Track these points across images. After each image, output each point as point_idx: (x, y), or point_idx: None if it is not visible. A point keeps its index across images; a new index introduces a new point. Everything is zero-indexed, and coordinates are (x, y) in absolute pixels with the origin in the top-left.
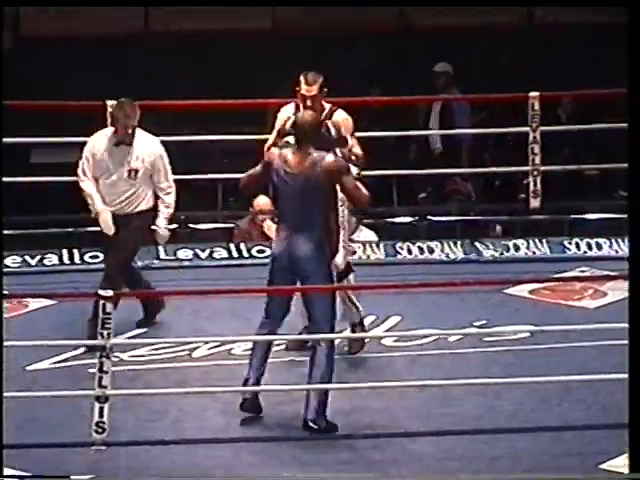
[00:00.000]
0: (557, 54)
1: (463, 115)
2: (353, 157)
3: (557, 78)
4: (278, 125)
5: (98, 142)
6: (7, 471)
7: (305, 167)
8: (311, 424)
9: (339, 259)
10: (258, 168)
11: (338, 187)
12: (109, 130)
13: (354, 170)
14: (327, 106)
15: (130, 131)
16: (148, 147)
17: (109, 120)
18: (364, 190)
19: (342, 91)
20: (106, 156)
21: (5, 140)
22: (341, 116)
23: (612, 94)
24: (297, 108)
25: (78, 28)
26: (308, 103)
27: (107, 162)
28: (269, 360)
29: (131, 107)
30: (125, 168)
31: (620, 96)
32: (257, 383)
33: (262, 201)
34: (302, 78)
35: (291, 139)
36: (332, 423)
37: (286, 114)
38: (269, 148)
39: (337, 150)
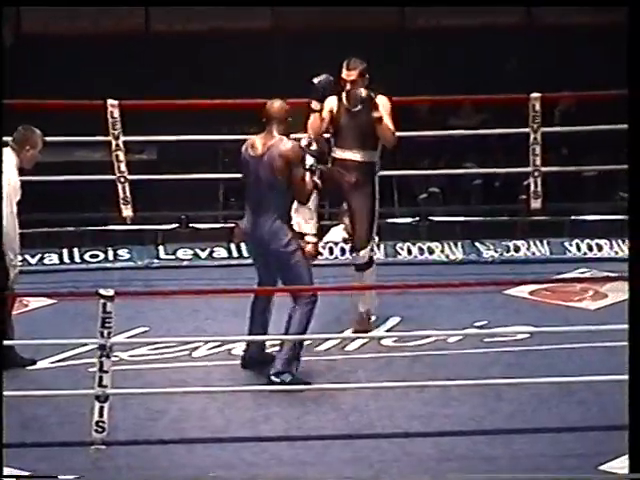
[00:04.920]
0: (559, 54)
1: None
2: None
3: (558, 79)
4: (325, 114)
5: (14, 175)
6: (7, 470)
7: (265, 150)
8: (273, 378)
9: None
10: None
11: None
12: (12, 157)
13: (310, 160)
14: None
15: None
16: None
17: (22, 146)
18: (309, 186)
19: None
20: (18, 186)
21: (5, 139)
22: (381, 99)
23: (610, 95)
24: (339, 98)
25: (81, 26)
26: (348, 87)
27: (18, 192)
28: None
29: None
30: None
31: (618, 97)
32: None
33: None
34: (344, 63)
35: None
36: (300, 379)
37: (330, 104)
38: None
39: (306, 140)
